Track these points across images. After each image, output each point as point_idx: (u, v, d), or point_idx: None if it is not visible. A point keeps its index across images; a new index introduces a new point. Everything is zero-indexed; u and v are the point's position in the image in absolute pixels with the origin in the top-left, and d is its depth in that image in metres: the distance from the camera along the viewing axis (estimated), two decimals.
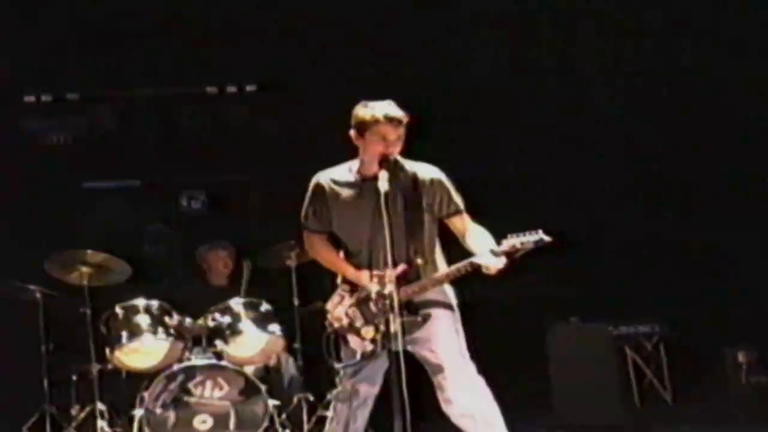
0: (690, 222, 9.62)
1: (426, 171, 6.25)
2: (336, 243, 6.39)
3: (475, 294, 6.38)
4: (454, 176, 6.31)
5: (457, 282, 6.26)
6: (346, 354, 6.33)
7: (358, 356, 6.25)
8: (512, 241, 6.02)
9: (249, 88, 9.79)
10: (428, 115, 6.68)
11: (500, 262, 6.01)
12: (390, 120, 6.09)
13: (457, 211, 6.25)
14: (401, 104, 6.15)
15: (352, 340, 6.27)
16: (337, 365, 6.36)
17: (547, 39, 9.73)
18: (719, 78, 9.55)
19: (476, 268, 6.06)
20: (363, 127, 6.15)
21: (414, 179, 6.21)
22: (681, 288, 9.50)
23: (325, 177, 6.34)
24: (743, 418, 8.66)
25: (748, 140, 9.57)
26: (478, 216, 6.30)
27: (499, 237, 6.11)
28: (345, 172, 6.30)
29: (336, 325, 6.33)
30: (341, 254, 6.35)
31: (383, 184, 5.94)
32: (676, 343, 9.39)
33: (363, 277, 6.19)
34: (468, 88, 9.71)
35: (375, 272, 6.03)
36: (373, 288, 6.07)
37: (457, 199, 6.26)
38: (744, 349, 9.17)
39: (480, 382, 6.21)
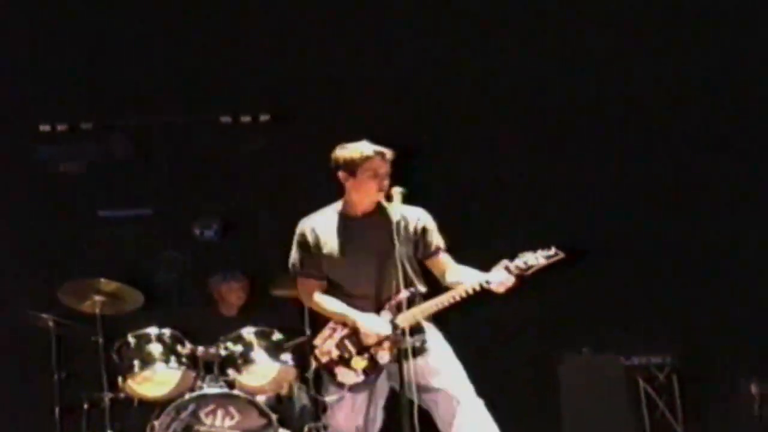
0: (704, 251, 9.57)
1: (412, 212, 6.38)
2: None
3: (487, 324, 6.38)
4: (454, 192, 6.36)
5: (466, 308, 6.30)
6: (332, 389, 6.35)
7: (346, 390, 6.27)
8: (526, 257, 6.07)
9: (263, 117, 9.83)
10: (437, 139, 6.72)
11: (511, 280, 6.06)
12: (379, 154, 6.25)
13: (440, 249, 6.36)
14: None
15: (340, 372, 6.30)
16: (331, 400, 6.37)
17: (552, 43, 9.68)
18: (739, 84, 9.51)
19: (484, 288, 6.09)
20: (352, 166, 6.26)
21: (404, 219, 6.29)
22: (694, 318, 9.45)
23: (308, 225, 6.43)
24: None
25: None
26: (478, 234, 6.35)
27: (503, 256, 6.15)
28: (330, 214, 6.40)
29: (324, 359, 6.34)
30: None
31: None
32: (689, 374, 9.33)
33: (357, 318, 6.23)
34: (473, 107, 9.70)
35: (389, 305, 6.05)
36: (386, 317, 6.09)
37: (440, 238, 6.37)
38: (758, 381, 9.13)
39: (482, 405, 6.23)
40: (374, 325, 6.15)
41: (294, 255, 6.45)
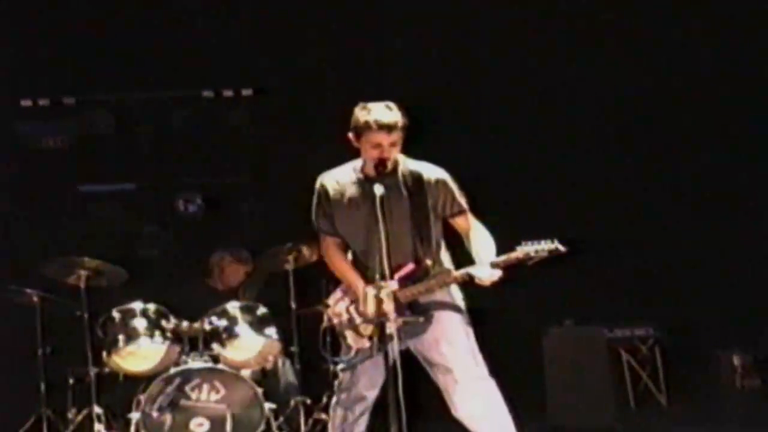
0: (685, 224, 9.63)
1: (430, 171, 6.24)
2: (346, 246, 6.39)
3: (471, 297, 6.39)
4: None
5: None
6: (345, 351, 6.34)
7: (353, 353, 6.26)
8: (526, 249, 6.04)
9: (245, 91, 9.81)
10: (425, 115, 6.68)
11: (495, 275, 6.04)
12: (381, 127, 6.05)
13: (461, 211, 6.26)
14: (401, 105, 6.14)
15: (350, 336, 6.26)
16: (336, 360, 6.36)
17: (556, 36, 9.69)
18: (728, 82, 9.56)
19: (471, 278, 6.10)
20: (358, 131, 6.14)
21: (419, 179, 6.19)
22: (676, 291, 9.52)
23: (328, 178, 6.32)
24: (737, 422, 8.68)
25: (746, 140, 9.58)
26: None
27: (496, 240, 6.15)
28: (349, 171, 6.28)
29: (335, 320, 6.32)
30: (349, 256, 6.35)
31: (379, 189, 5.94)
32: (672, 346, 9.41)
33: (359, 287, 6.19)
34: (469, 87, 9.70)
35: (375, 283, 5.93)
36: (369, 292, 6.07)
37: (461, 199, 6.25)
38: (739, 353, 9.20)
39: (491, 384, 6.21)
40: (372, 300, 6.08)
41: (312, 209, 6.39)
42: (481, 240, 6.19)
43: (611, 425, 8.64)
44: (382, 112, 6.08)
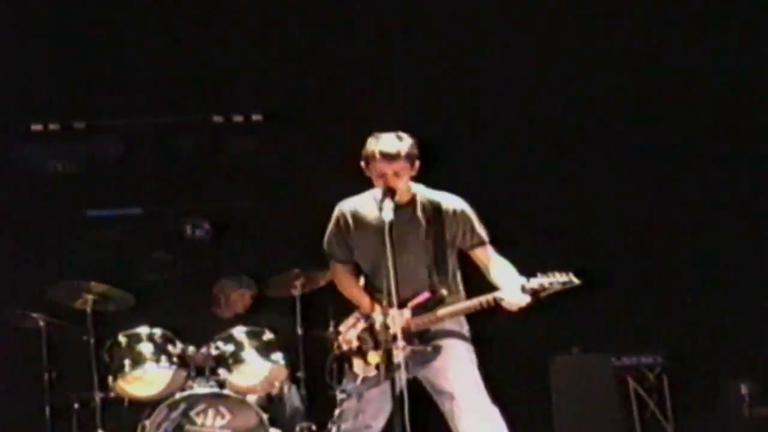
0: (693, 251, 9.61)
1: (449, 201, 6.26)
2: (358, 271, 6.39)
3: (478, 325, 6.39)
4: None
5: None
6: (348, 378, 6.33)
7: (359, 381, 6.26)
8: (541, 281, 6.04)
9: (255, 117, 9.83)
10: (438, 143, 6.70)
11: (525, 300, 6.03)
12: (383, 156, 6.10)
13: (481, 243, 6.26)
14: (413, 135, 6.15)
15: (357, 364, 6.28)
16: (337, 388, 6.35)
17: (577, 61, 9.69)
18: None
19: (498, 303, 6.08)
20: (367, 160, 6.19)
21: (437, 209, 6.22)
22: (684, 319, 9.49)
23: (346, 206, 6.36)
24: None
25: (754, 167, 9.57)
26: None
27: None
28: (369, 200, 6.30)
29: (345, 347, 6.33)
30: (361, 282, 6.36)
31: (387, 214, 5.95)
32: (679, 375, 9.37)
33: (371, 309, 6.21)
34: (483, 116, 9.71)
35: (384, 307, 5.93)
36: (378, 319, 6.07)
37: (481, 230, 6.27)
38: (747, 381, 9.16)
39: (495, 412, 6.21)
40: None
41: (327, 235, 6.41)
42: (505, 269, 6.19)
43: None
44: (389, 142, 6.13)
